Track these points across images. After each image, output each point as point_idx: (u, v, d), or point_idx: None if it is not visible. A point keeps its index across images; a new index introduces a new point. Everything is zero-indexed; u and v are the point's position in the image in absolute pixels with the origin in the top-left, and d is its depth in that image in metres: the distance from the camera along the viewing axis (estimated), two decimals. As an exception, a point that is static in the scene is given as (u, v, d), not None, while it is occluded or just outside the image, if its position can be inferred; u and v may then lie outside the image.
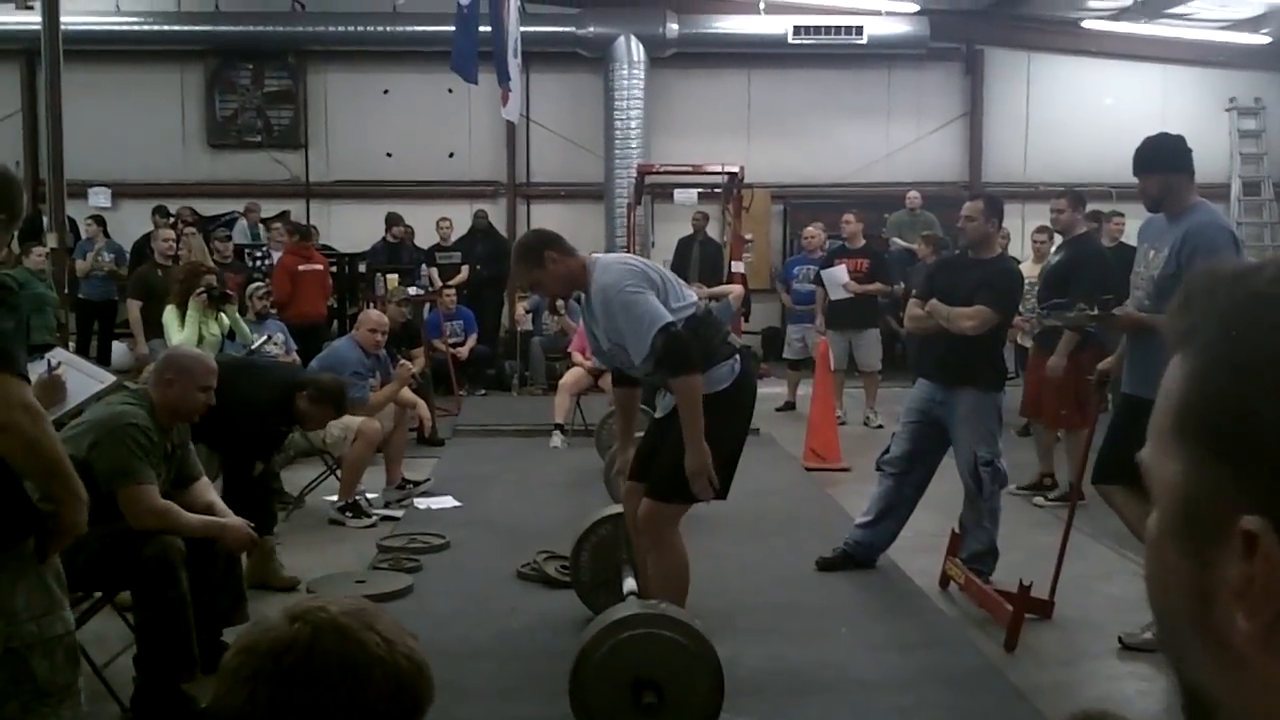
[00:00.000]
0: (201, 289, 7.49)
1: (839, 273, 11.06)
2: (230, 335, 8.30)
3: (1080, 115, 16.33)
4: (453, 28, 11.74)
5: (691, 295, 4.86)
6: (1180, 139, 5.14)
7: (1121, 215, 10.98)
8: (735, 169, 14.10)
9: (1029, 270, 8.78)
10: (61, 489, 3.08)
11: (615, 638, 4.01)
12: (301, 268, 11.60)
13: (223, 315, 8.26)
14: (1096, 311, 5.44)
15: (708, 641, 4.04)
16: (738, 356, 4.78)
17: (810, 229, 12.78)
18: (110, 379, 4.18)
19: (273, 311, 9.96)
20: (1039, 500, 7.87)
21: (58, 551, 3.16)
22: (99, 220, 14.09)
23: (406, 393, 8.23)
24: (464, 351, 12.75)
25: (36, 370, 3.86)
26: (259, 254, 12.32)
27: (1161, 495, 0.78)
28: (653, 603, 4.35)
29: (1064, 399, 7.69)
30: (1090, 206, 12.19)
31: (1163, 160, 5.11)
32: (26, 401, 2.96)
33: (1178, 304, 0.79)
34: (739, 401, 4.77)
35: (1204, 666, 0.75)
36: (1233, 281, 0.76)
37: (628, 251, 14.58)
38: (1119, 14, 15.55)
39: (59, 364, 4.05)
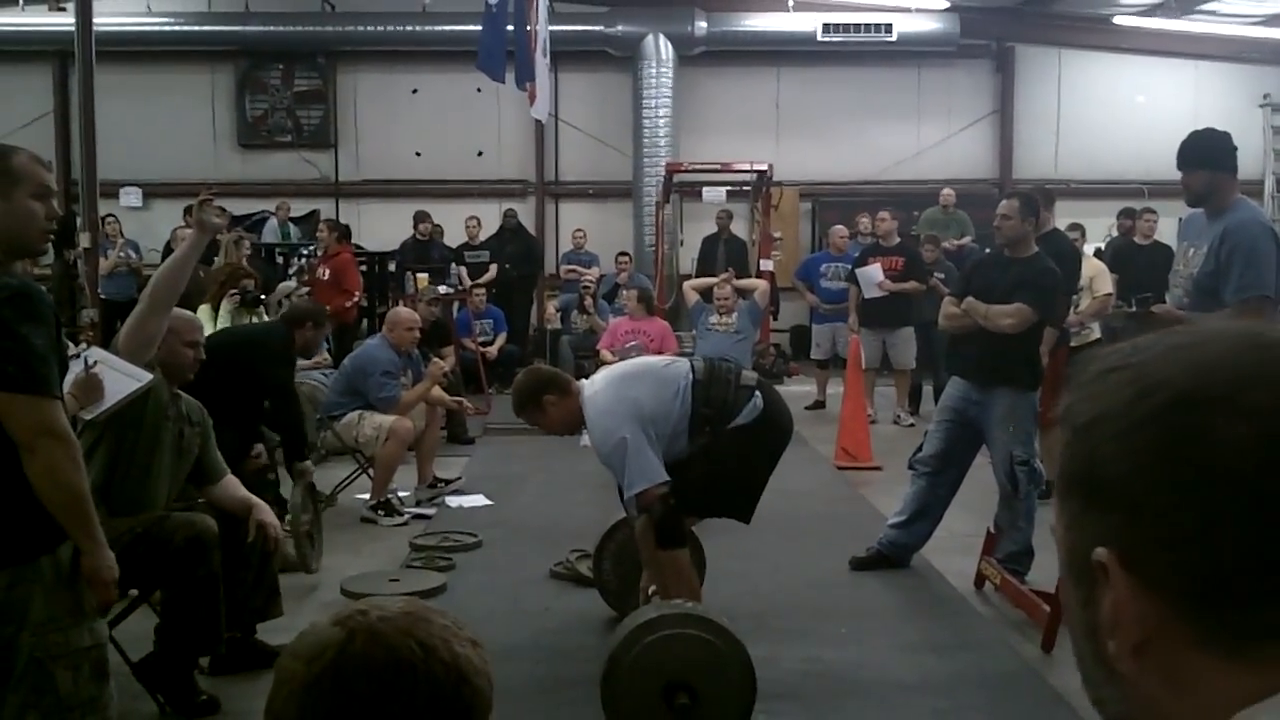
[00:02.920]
0: (235, 290, 7.51)
1: (874, 271, 11.00)
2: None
3: (1111, 112, 16.22)
4: (481, 27, 11.74)
5: (682, 370, 4.97)
6: (1227, 136, 5.06)
7: (1154, 212, 10.87)
8: (764, 167, 14.07)
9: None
10: (79, 529, 3.02)
11: (643, 641, 3.99)
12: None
13: (254, 318, 8.28)
14: (1135, 309, 5.38)
15: (736, 637, 4.02)
16: (758, 393, 4.93)
17: (839, 228, 12.78)
18: (147, 377, 4.17)
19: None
20: None
21: (105, 608, 3.14)
22: (114, 218, 14.12)
23: (438, 391, 8.23)
24: (493, 350, 12.75)
25: (74, 370, 3.87)
26: (304, 253, 12.33)
27: (1059, 552, 0.89)
28: (678, 602, 4.34)
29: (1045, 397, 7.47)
30: (1122, 204, 12.15)
31: (1210, 157, 5.03)
32: (55, 427, 2.91)
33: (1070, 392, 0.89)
34: (761, 433, 4.92)
35: (1113, 700, 0.84)
36: (1089, 364, 0.87)
37: (655, 250, 14.57)
38: (1150, 10, 15.41)
39: (95, 363, 4.05)
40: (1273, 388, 0.78)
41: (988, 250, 8.50)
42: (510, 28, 11.74)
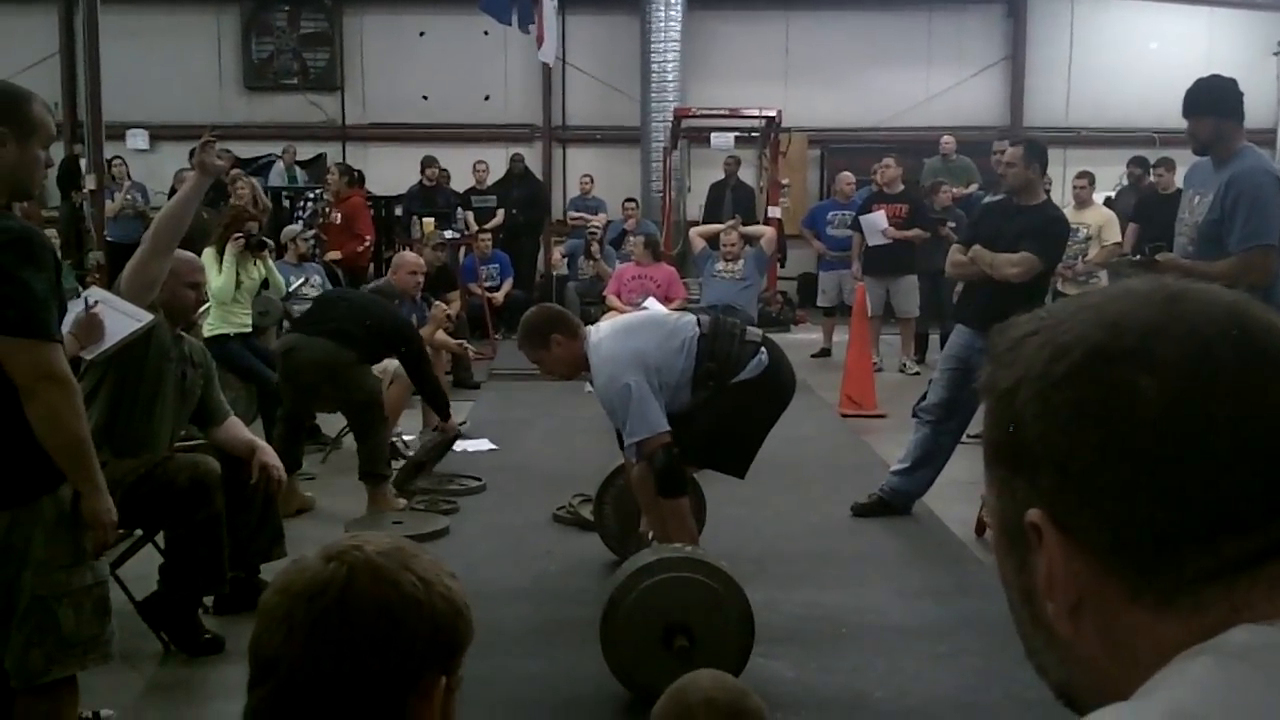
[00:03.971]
0: (240, 235, 7.48)
1: (878, 219, 10.95)
2: (265, 284, 8.26)
3: (1124, 59, 16.08)
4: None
5: (688, 323, 4.97)
6: (1233, 82, 5.02)
7: (1168, 163, 10.76)
8: (772, 113, 13.99)
9: (1072, 216, 8.63)
10: (78, 472, 3.03)
11: (641, 584, 4.01)
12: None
13: (259, 264, 8.23)
14: (1140, 258, 5.37)
15: (733, 580, 4.04)
16: (763, 350, 4.93)
17: (845, 175, 12.71)
18: (148, 317, 4.18)
19: (316, 254, 9.97)
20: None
21: (101, 551, 3.18)
22: (121, 160, 14.13)
23: (442, 335, 8.23)
24: (499, 296, 12.74)
25: (74, 310, 3.88)
26: (310, 196, 12.32)
27: (990, 520, 0.91)
28: (676, 546, 4.37)
29: None
30: (1133, 152, 12.08)
31: (1215, 104, 4.99)
32: (55, 370, 2.93)
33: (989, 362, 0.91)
34: (764, 389, 4.93)
35: (1053, 665, 0.86)
36: (1004, 331, 0.90)
37: (663, 196, 14.52)
38: (1166, -45, 15.27)
39: (96, 303, 4.06)
40: (1181, 339, 0.80)
41: (987, 198, 8.50)
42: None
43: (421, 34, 16.31)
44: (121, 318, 4.07)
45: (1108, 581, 0.81)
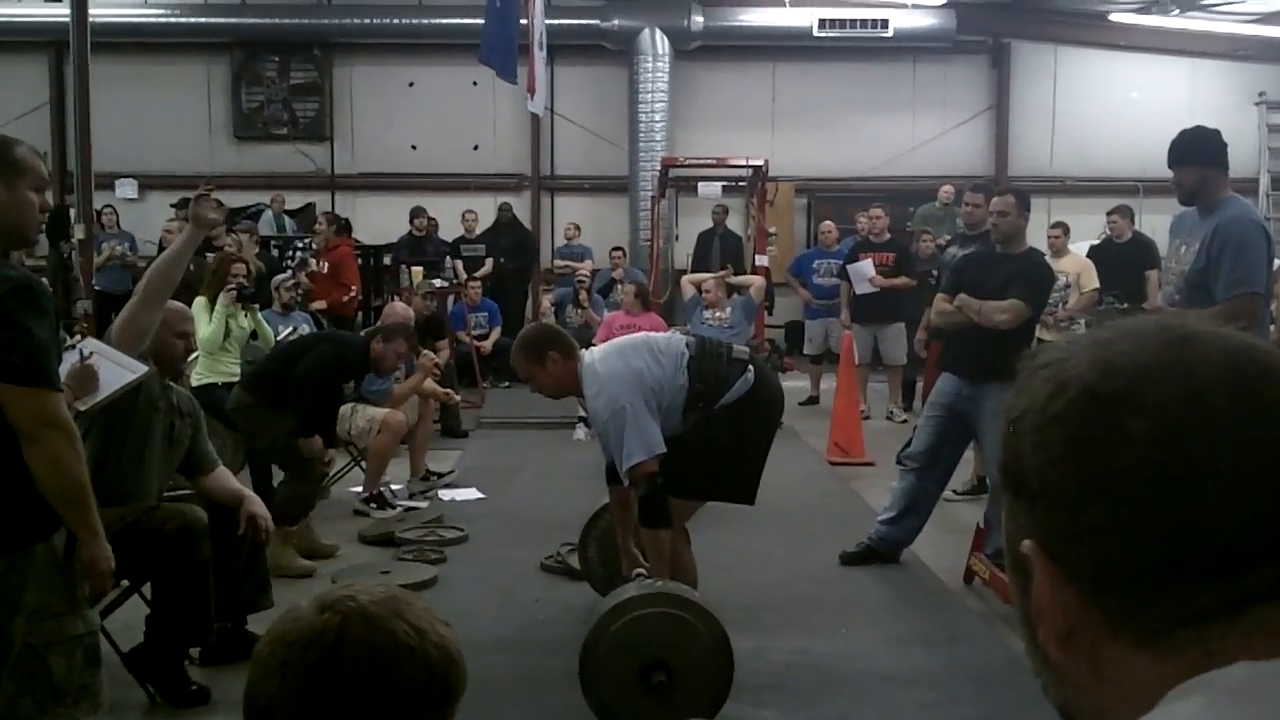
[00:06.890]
0: (232, 285, 7.50)
1: (865, 267, 11.00)
2: (254, 335, 8.28)
3: (1107, 109, 16.22)
4: (479, 20, 11.73)
5: (679, 345, 4.95)
6: (1217, 133, 5.09)
7: (1123, 210, 10.80)
8: (759, 162, 14.07)
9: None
10: (78, 519, 3.05)
11: (615, 623, 4.00)
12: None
13: (249, 314, 8.24)
14: (1127, 305, 5.41)
15: (709, 612, 4.04)
16: (750, 368, 4.93)
17: (826, 223, 12.80)
18: (143, 369, 4.19)
19: (298, 302, 9.97)
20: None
21: (98, 598, 3.18)
22: (111, 210, 14.16)
23: (430, 384, 8.24)
24: (488, 344, 12.75)
25: (69, 360, 3.88)
26: (299, 245, 12.35)
27: (1004, 541, 0.92)
28: (649, 581, 4.35)
29: None
30: (1117, 201, 12.16)
31: (1200, 154, 5.05)
32: (57, 418, 2.96)
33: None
34: (753, 407, 4.91)
35: (1051, 684, 0.88)
36: (1028, 359, 0.91)
37: (651, 245, 14.58)
38: (1147, 7, 15.40)
39: (91, 354, 4.06)
40: (1171, 383, 0.81)
41: (953, 248, 8.56)
42: (524, 20, 11.72)
43: (411, 85, 16.39)
44: (116, 369, 4.08)
45: (1092, 615, 0.82)
